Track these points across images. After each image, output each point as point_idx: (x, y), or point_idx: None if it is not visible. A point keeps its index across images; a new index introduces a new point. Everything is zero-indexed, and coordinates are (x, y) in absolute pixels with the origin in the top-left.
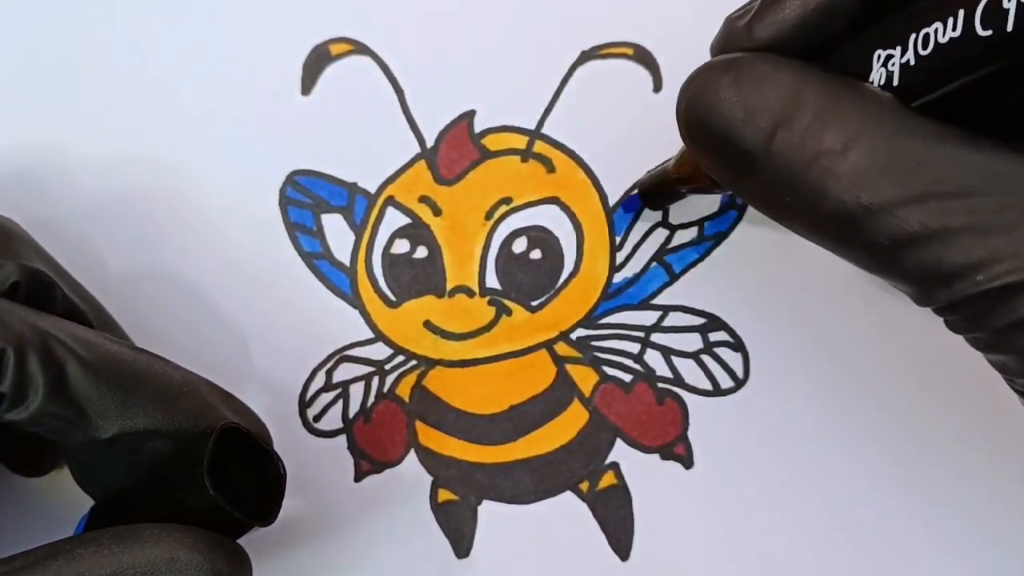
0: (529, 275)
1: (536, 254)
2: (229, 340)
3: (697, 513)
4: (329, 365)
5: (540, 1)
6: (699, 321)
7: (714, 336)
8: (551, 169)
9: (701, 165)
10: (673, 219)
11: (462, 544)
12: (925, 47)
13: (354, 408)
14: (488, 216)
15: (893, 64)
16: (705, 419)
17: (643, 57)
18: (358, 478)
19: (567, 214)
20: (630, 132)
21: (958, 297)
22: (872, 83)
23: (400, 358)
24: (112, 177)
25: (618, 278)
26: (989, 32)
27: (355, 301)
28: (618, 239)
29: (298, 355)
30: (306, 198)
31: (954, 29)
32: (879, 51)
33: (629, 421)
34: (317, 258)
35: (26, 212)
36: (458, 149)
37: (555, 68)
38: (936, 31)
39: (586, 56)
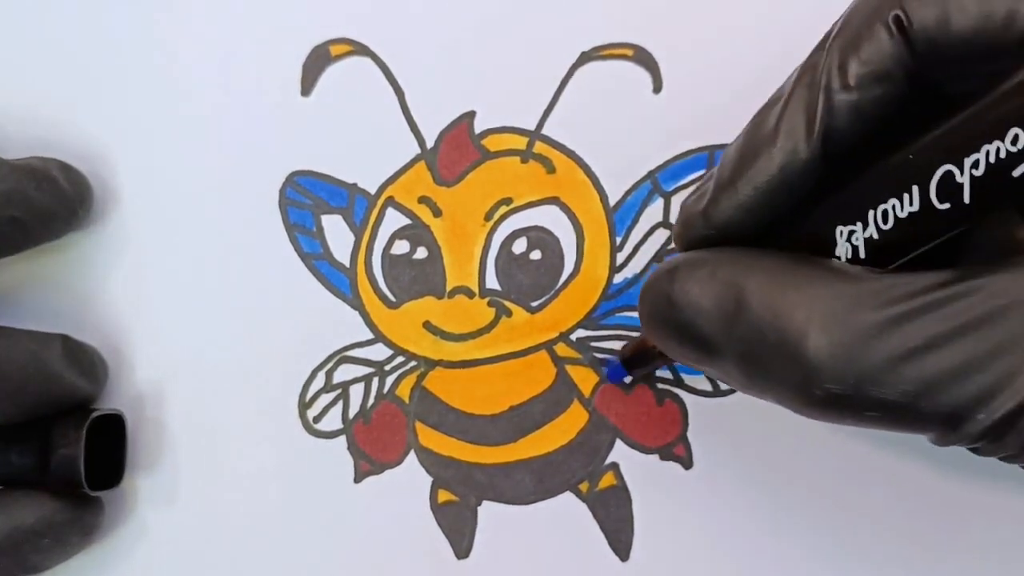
0: (529, 276)
1: (536, 255)
2: (229, 341)
3: (697, 514)
4: (329, 366)
5: (540, 2)
6: None
7: None
8: (551, 170)
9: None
10: (674, 219)
11: (462, 544)
12: (886, 222)
13: (354, 409)
14: (488, 217)
15: (857, 239)
16: (705, 420)
17: (643, 58)
18: (358, 479)
19: (567, 215)
20: (630, 133)
21: (971, 435)
22: (840, 257)
23: (400, 359)
24: (110, 176)
25: (618, 279)
26: (947, 205)
27: (355, 302)
28: (618, 240)
29: (298, 356)
30: (306, 199)
31: (911, 204)
32: (840, 227)
33: (629, 422)
34: (317, 259)
35: None
36: (458, 150)
37: (555, 69)
38: (894, 207)
39: (586, 57)
